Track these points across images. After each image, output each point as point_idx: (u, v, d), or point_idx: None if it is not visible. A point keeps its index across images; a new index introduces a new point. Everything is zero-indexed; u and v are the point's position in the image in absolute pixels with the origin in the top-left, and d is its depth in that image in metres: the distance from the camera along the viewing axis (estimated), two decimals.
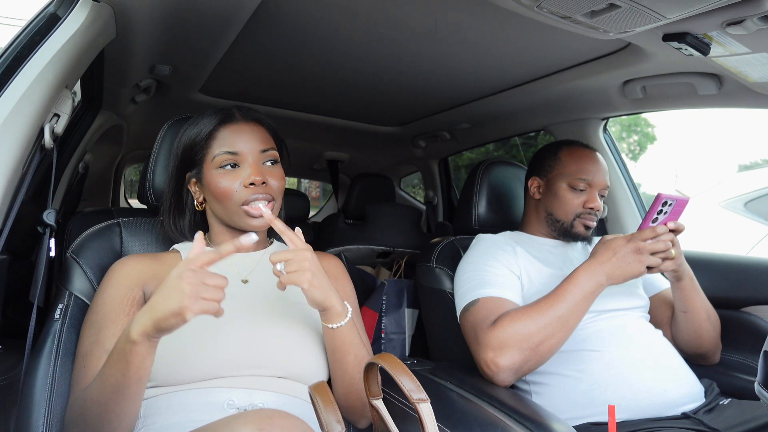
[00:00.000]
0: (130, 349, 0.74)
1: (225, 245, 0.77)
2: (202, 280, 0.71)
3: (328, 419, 0.69)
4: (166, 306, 0.71)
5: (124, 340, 0.75)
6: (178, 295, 0.70)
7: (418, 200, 3.37)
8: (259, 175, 0.97)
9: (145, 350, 0.75)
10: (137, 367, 0.75)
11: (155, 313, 0.72)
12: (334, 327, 0.91)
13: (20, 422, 0.91)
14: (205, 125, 1.01)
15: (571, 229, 1.38)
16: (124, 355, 0.75)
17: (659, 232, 1.13)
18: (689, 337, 1.31)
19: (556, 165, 1.42)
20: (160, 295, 0.72)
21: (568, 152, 1.43)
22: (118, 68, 1.51)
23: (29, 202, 1.03)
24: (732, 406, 1.18)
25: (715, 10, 0.96)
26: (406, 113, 2.27)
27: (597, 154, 1.43)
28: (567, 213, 1.38)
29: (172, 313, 0.70)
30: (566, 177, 1.39)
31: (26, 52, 0.91)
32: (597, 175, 1.38)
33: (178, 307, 0.70)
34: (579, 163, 1.39)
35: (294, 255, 0.86)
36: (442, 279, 1.46)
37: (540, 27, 1.14)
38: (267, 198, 0.98)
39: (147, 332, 0.73)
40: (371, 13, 1.24)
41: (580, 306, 1.12)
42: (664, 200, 1.14)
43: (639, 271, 1.13)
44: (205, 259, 0.74)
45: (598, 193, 1.38)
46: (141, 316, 0.74)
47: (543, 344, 1.10)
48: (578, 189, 1.37)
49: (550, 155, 1.46)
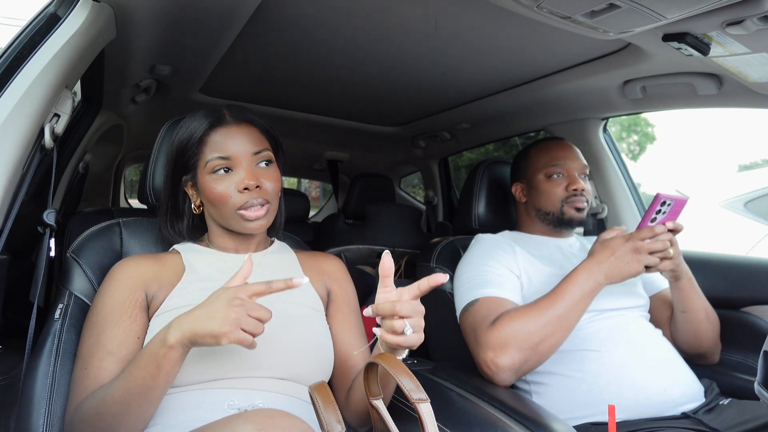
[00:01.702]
0: (165, 354, 0.77)
1: (276, 282, 0.78)
2: (248, 311, 0.75)
3: (328, 419, 0.69)
4: (207, 325, 0.74)
5: (159, 344, 0.77)
6: (222, 319, 0.73)
7: (418, 200, 3.37)
8: (252, 179, 0.96)
9: (179, 356, 0.78)
10: (168, 371, 0.78)
11: (196, 327, 0.75)
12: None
13: (20, 422, 0.91)
14: (195, 129, 0.99)
15: (562, 216, 1.40)
16: (156, 359, 0.77)
17: (657, 232, 1.14)
18: (688, 336, 1.31)
19: (530, 163, 1.47)
20: (206, 311, 0.76)
21: (537, 149, 1.48)
22: (118, 68, 1.51)
23: (29, 202, 1.03)
24: (732, 406, 1.18)
25: (715, 10, 0.96)
26: (406, 113, 2.27)
27: (566, 142, 1.48)
28: (553, 202, 1.40)
29: (211, 334, 0.74)
30: (541, 169, 1.43)
31: (26, 52, 0.91)
32: (570, 160, 1.42)
33: (218, 331, 0.73)
34: (549, 153, 1.44)
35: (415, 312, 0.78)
36: None
37: (540, 27, 1.14)
38: (261, 202, 0.97)
39: (183, 342, 0.76)
40: (371, 13, 1.24)
41: (579, 305, 1.13)
42: (662, 200, 1.14)
43: (637, 270, 1.14)
44: (255, 290, 0.77)
45: (579, 175, 1.41)
46: (181, 324, 0.76)
47: (542, 343, 1.10)
48: (555, 176, 1.41)
49: (522, 158, 1.52)
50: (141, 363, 0.79)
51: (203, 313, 0.76)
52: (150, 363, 0.78)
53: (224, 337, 0.73)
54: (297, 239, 1.29)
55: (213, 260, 1.03)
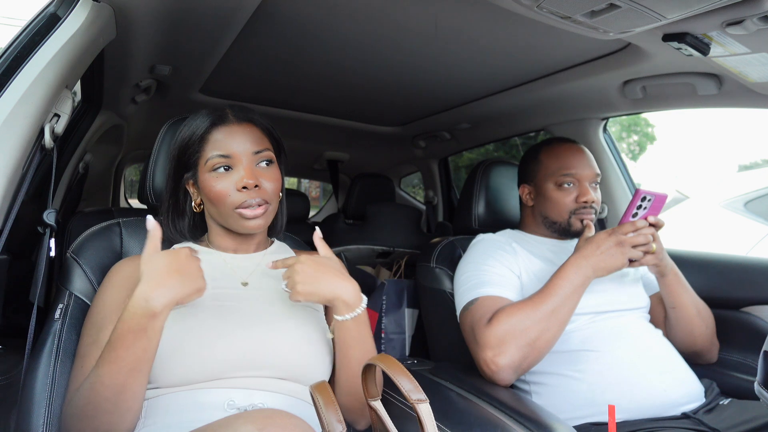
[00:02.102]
0: (153, 324, 0.79)
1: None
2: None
3: (329, 419, 0.69)
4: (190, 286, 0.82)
5: (142, 315, 0.78)
6: (197, 277, 0.83)
7: (418, 200, 3.37)
8: (252, 178, 0.96)
9: (163, 322, 0.81)
10: (157, 339, 0.81)
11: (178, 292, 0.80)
12: (340, 319, 0.93)
13: (20, 422, 0.91)
14: (197, 127, 1.00)
15: (569, 227, 1.38)
16: (144, 332, 0.79)
17: (639, 226, 1.18)
18: (682, 333, 1.32)
19: (539, 168, 1.42)
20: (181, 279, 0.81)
21: (547, 152, 1.42)
22: (118, 68, 1.51)
23: (29, 202, 1.03)
24: (732, 406, 1.18)
25: (715, 10, 0.96)
26: (406, 113, 2.27)
27: (579, 146, 1.42)
28: (561, 212, 1.37)
29: (197, 290, 0.82)
30: (551, 177, 1.38)
31: (26, 52, 0.91)
32: (582, 168, 1.36)
33: (201, 286, 0.84)
34: (560, 160, 1.38)
35: (290, 272, 0.91)
36: (442, 279, 1.46)
37: (540, 27, 1.14)
38: (259, 202, 0.98)
39: (169, 305, 0.80)
40: (371, 13, 1.24)
41: (570, 299, 1.15)
42: (642, 195, 1.18)
43: (621, 263, 1.17)
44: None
45: (590, 184, 1.37)
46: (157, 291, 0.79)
47: (539, 339, 1.11)
48: (566, 186, 1.36)
49: (532, 160, 1.46)
50: (127, 342, 0.79)
51: (174, 275, 0.81)
52: (139, 337, 0.78)
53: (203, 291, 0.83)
54: (297, 239, 1.29)
55: (213, 260, 1.03)
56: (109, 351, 0.80)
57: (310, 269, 0.91)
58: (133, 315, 0.79)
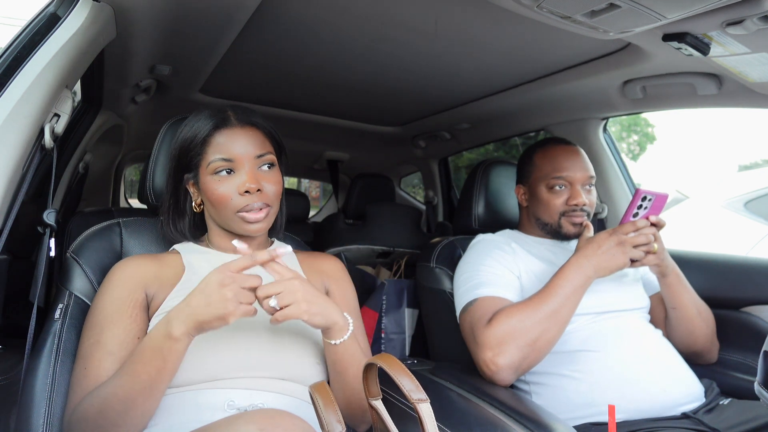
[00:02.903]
0: (170, 347, 0.79)
1: (260, 254, 0.82)
2: (241, 284, 0.78)
3: (329, 419, 0.69)
4: (210, 311, 0.77)
5: (162, 338, 0.79)
6: (220, 301, 0.77)
7: (418, 200, 3.37)
8: (254, 182, 0.96)
9: (184, 347, 0.80)
10: (173, 363, 0.80)
11: (199, 316, 0.77)
12: (336, 343, 0.90)
13: (20, 422, 0.91)
14: (200, 129, 1.00)
15: (559, 229, 1.38)
16: (161, 353, 0.79)
17: (640, 226, 1.18)
18: (682, 334, 1.32)
19: (533, 170, 1.42)
20: (202, 298, 0.78)
21: (541, 154, 1.42)
22: (118, 68, 1.51)
23: (29, 202, 1.03)
24: (732, 406, 1.18)
25: (715, 10, 0.96)
26: (406, 113, 2.27)
27: (573, 147, 1.41)
28: (551, 214, 1.37)
29: (217, 317, 0.77)
30: (543, 179, 1.38)
31: (26, 52, 0.91)
32: (574, 170, 1.36)
33: (222, 313, 0.77)
34: (553, 163, 1.38)
35: (284, 287, 0.82)
36: (442, 279, 1.46)
37: (540, 27, 1.14)
38: (261, 205, 0.98)
39: (189, 332, 0.78)
40: (371, 13, 1.24)
41: (571, 299, 1.14)
42: (643, 195, 1.18)
43: (623, 262, 1.17)
44: (240, 265, 0.80)
45: (583, 187, 1.36)
46: (182, 316, 0.78)
47: (540, 339, 1.11)
48: (557, 188, 1.36)
49: (526, 161, 1.46)
50: (144, 359, 0.80)
51: (200, 301, 0.78)
52: (155, 358, 0.79)
53: (230, 316, 0.77)
54: (297, 239, 1.29)
55: (213, 260, 1.03)
56: (129, 363, 0.82)
57: (311, 288, 0.86)
58: (156, 332, 0.81)
